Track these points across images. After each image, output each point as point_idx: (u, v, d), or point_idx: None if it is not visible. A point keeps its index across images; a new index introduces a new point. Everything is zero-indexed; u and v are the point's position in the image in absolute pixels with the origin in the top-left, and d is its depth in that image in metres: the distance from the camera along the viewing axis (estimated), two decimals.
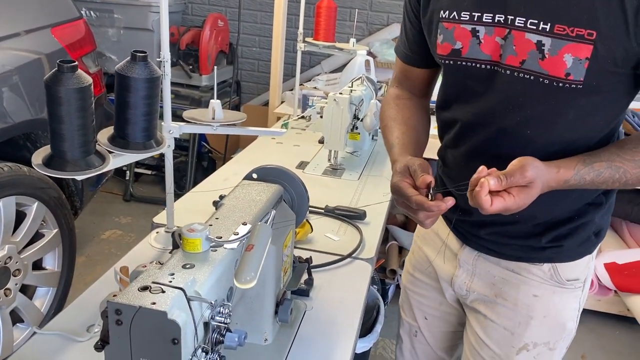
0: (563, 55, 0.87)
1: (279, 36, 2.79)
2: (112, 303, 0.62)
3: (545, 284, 1.08)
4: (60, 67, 0.90)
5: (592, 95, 0.89)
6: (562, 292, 1.09)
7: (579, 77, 0.87)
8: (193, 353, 0.66)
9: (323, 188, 1.79)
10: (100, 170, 1.00)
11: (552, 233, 1.04)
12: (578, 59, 0.86)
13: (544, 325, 1.11)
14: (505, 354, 1.15)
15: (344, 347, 1.05)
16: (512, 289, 1.11)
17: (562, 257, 1.06)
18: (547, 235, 1.04)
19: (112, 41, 3.55)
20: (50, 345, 0.99)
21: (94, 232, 3.13)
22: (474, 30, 0.95)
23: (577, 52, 0.85)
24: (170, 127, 1.24)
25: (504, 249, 1.09)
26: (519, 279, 1.09)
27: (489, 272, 1.13)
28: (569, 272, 1.08)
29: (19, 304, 1.85)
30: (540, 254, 1.06)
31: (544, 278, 1.08)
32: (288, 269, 1.06)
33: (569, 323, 1.12)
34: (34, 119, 1.92)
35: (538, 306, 1.09)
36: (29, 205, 1.88)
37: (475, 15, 0.95)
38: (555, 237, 1.04)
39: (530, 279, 1.08)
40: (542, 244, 1.05)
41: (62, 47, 2.10)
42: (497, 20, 0.92)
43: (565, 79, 0.87)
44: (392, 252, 2.81)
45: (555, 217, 1.04)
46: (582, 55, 0.85)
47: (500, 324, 1.14)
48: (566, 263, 1.07)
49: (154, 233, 1.40)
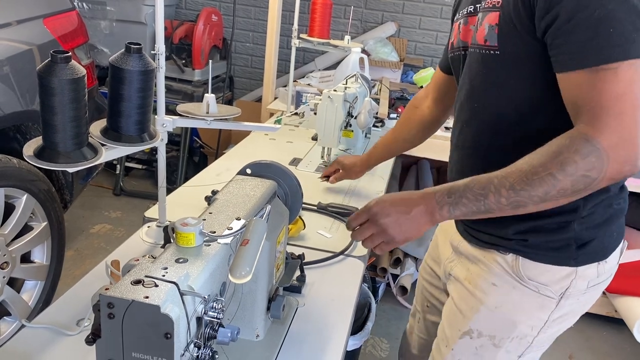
0: (485, 25, 0.99)
1: (273, 32, 2.78)
2: (104, 296, 0.61)
3: (505, 275, 1.06)
4: (53, 57, 0.89)
5: (511, 63, 0.96)
6: (522, 291, 1.05)
7: (494, 43, 0.97)
8: (185, 348, 0.66)
9: (316, 185, 1.78)
10: (93, 163, 0.99)
11: (518, 225, 1.03)
12: (490, 25, 0.98)
13: (494, 316, 1.09)
14: (451, 336, 1.16)
15: (335, 344, 1.05)
16: (477, 275, 1.11)
17: (526, 252, 1.04)
18: (513, 227, 1.03)
19: (104, 34, 3.52)
20: (39, 339, 0.98)
21: (83, 226, 3.11)
22: (459, 24, 1.12)
23: (490, 19, 0.98)
24: (163, 120, 1.23)
25: (480, 235, 1.10)
26: (485, 265, 1.09)
27: (468, 257, 1.15)
28: (532, 272, 1.04)
29: (7, 297, 1.83)
30: (507, 243, 1.05)
31: (506, 269, 1.06)
32: (281, 265, 1.06)
33: (522, 326, 1.07)
34: (24, 110, 1.89)
35: (493, 295, 1.08)
36: (18, 197, 1.86)
37: (461, 12, 1.12)
38: (520, 230, 1.03)
39: (494, 267, 1.08)
40: (509, 235, 1.04)
41: (54, 38, 2.08)
42: (469, 11, 1.08)
43: (484, 44, 0.99)
44: None
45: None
46: (493, 21, 0.97)
47: (457, 305, 1.15)
48: (531, 261, 1.04)
49: (145, 227, 1.39)
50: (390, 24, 3.77)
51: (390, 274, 2.78)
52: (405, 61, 3.69)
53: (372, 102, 2.52)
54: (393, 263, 2.77)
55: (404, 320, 2.58)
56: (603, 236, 1.03)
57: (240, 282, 0.69)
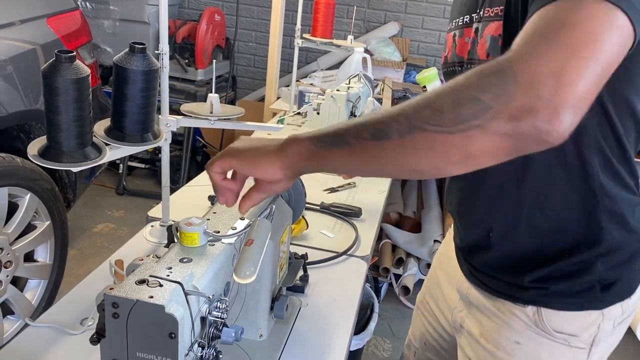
0: (485, 37, 0.85)
1: (276, 32, 2.78)
2: (109, 296, 0.61)
3: (529, 330, 0.92)
4: (58, 57, 0.89)
5: None
6: (551, 346, 0.92)
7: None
8: (189, 347, 0.66)
9: (319, 185, 1.78)
10: (97, 163, 0.99)
11: (536, 272, 0.89)
12: (493, 37, 0.84)
13: None
14: None
15: (338, 344, 1.05)
16: (494, 331, 0.97)
17: (548, 301, 0.90)
18: (530, 273, 0.90)
19: (107, 33, 3.53)
20: (43, 338, 0.98)
21: (86, 225, 3.11)
22: (453, 35, 0.97)
23: (492, 30, 0.84)
24: (167, 120, 1.23)
25: (492, 283, 0.96)
26: (503, 320, 0.95)
27: (479, 308, 1.01)
28: (558, 323, 0.91)
29: (10, 296, 1.84)
30: (524, 293, 0.91)
31: (528, 323, 0.92)
32: (284, 265, 1.06)
33: None
34: (28, 109, 1.90)
35: (520, 355, 0.94)
36: (22, 196, 1.86)
37: (454, 21, 0.97)
38: (540, 277, 0.89)
39: (513, 322, 0.93)
40: (526, 283, 0.90)
41: (57, 37, 2.08)
42: (465, 22, 0.93)
43: (487, 59, 0.84)
44: (385, 251, 2.81)
45: (539, 253, 0.90)
46: (495, 32, 0.83)
47: None
48: (554, 311, 0.90)
49: (149, 227, 1.39)
50: (393, 24, 3.77)
51: (392, 274, 2.78)
52: (408, 61, 3.69)
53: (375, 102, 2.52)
54: (395, 263, 2.77)
55: (407, 320, 2.57)
56: (629, 274, 0.91)
57: (244, 282, 0.69)
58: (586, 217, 0.85)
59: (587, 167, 0.82)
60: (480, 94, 0.55)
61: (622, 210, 0.85)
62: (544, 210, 0.86)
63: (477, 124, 0.55)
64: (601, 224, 0.84)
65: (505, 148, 0.56)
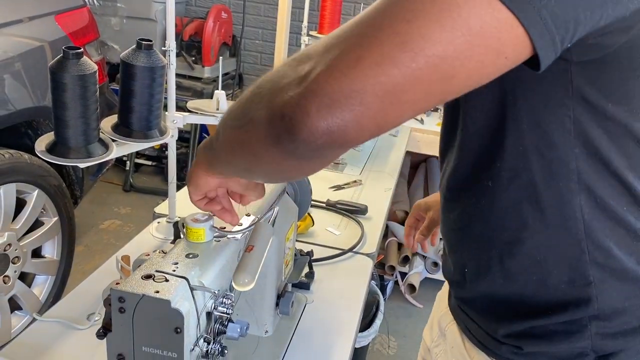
0: None
1: (282, 29, 2.77)
2: (115, 290, 0.62)
3: None
4: (65, 53, 0.89)
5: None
6: None
7: None
8: (195, 342, 0.66)
9: (324, 182, 1.78)
10: (104, 159, 0.99)
11: (510, 324, 0.74)
12: None
13: None
14: None
15: (344, 341, 1.05)
16: None
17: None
18: (503, 326, 0.75)
19: (114, 30, 3.54)
20: (50, 333, 0.99)
21: (93, 222, 3.13)
22: None
23: None
24: (174, 117, 1.23)
25: (468, 322, 0.83)
26: None
27: (452, 348, 0.89)
28: None
29: (18, 291, 1.85)
30: (497, 347, 0.77)
31: None
32: (290, 261, 1.06)
33: None
34: (36, 106, 1.91)
35: None
36: (29, 192, 1.88)
37: None
38: (512, 332, 0.74)
39: None
40: (499, 336, 0.75)
41: (65, 34, 2.10)
42: None
43: None
44: (391, 249, 2.81)
45: (521, 303, 0.73)
46: None
47: None
48: None
49: (155, 223, 1.39)
50: None
51: (398, 272, 2.78)
52: None
53: None
54: (401, 261, 2.77)
55: (412, 319, 2.57)
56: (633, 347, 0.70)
57: (242, 290, 0.69)
58: (569, 269, 0.68)
59: (567, 210, 0.65)
60: (269, 81, 0.54)
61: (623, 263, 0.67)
62: (513, 255, 0.70)
63: (252, 116, 0.51)
64: (589, 278, 0.67)
65: (270, 135, 0.49)
